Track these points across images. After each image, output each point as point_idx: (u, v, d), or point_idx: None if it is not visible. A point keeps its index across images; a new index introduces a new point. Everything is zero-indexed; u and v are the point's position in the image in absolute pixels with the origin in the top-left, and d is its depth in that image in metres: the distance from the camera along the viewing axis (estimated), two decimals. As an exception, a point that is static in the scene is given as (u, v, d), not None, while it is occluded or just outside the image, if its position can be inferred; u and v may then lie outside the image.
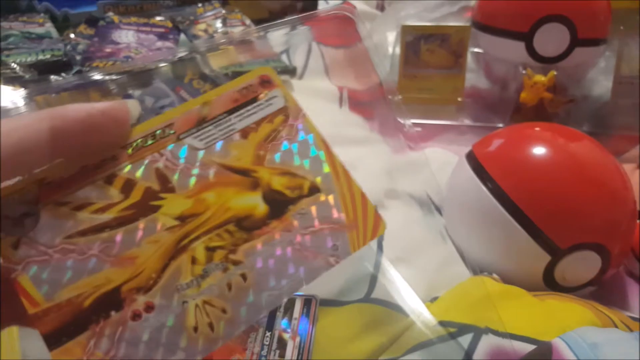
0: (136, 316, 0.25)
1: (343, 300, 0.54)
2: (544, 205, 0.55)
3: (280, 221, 0.28)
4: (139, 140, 0.28)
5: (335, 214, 0.29)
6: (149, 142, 0.28)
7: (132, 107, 0.27)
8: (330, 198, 0.30)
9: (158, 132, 0.28)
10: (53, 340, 0.24)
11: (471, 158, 0.62)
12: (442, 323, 0.49)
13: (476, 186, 0.58)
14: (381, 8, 1.17)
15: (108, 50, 0.93)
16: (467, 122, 0.86)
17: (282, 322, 0.51)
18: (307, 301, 0.53)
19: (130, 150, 0.28)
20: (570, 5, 0.81)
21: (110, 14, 1.06)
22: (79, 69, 0.86)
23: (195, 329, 0.26)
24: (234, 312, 0.26)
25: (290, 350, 0.48)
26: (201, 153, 0.29)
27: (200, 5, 1.13)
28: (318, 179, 0.30)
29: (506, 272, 0.56)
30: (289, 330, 0.50)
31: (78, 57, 0.90)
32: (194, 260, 0.26)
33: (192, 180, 0.28)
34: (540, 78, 0.80)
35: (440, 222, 0.64)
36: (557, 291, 0.55)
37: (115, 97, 0.72)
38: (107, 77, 0.72)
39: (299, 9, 1.22)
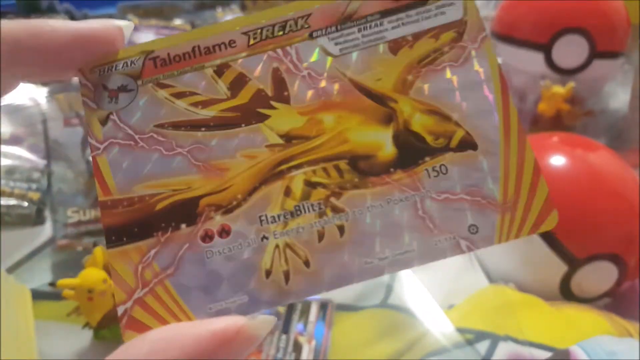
0: (208, 237, 0.22)
1: (359, 305, 0.54)
2: (562, 215, 0.54)
3: (408, 174, 0.22)
4: (267, 28, 0.23)
5: (488, 184, 0.22)
6: (277, 33, 0.23)
7: (126, 28, 0.23)
8: (488, 161, 0.22)
9: (290, 22, 0.23)
10: (113, 237, 0.21)
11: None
12: (459, 330, 0.49)
13: (494, 195, 0.58)
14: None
15: (127, 52, 0.94)
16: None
17: (297, 326, 0.51)
18: (323, 305, 0.53)
19: (252, 40, 0.23)
20: (589, 17, 0.81)
21: (130, 16, 1.07)
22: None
23: (268, 273, 0.21)
24: (318, 269, 0.21)
25: (306, 354, 0.48)
26: (332, 61, 0.23)
27: (219, 9, 1.13)
28: (478, 131, 0.22)
29: (523, 281, 0.56)
30: (304, 333, 0.50)
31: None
32: (287, 192, 0.22)
33: (312, 94, 0.23)
34: (558, 89, 0.80)
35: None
36: (573, 302, 0.55)
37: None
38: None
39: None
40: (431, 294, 0.53)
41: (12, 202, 0.65)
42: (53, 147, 0.67)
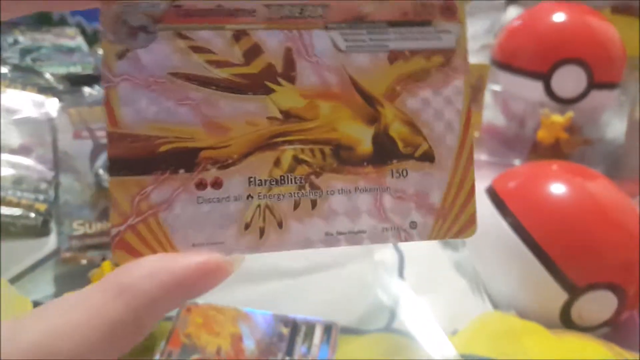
0: (201, 185, 0.24)
1: (364, 329, 0.55)
2: (563, 243, 0.56)
3: (377, 170, 0.25)
4: (287, 8, 0.25)
5: (433, 193, 0.26)
6: (296, 14, 0.25)
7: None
8: (439, 174, 0.26)
9: (310, 8, 0.25)
10: (115, 167, 0.23)
11: (491, 193, 0.62)
12: (463, 356, 0.49)
13: (496, 220, 0.59)
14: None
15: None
16: (483, 157, 0.87)
17: (301, 348, 0.51)
18: (328, 328, 0.53)
19: (272, 14, 0.25)
20: (588, 49, 0.83)
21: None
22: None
23: (247, 226, 0.24)
24: (288, 231, 0.25)
25: (311, 375, 0.49)
26: (338, 55, 0.25)
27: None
28: (438, 149, 0.26)
29: (523, 308, 0.57)
30: (308, 356, 0.51)
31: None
32: (277, 162, 0.25)
33: (316, 80, 0.25)
34: (557, 118, 0.81)
35: (460, 254, 0.65)
36: (573, 330, 0.56)
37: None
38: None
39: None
40: (435, 317, 0.54)
41: (19, 212, 0.65)
42: (62, 159, 0.67)
